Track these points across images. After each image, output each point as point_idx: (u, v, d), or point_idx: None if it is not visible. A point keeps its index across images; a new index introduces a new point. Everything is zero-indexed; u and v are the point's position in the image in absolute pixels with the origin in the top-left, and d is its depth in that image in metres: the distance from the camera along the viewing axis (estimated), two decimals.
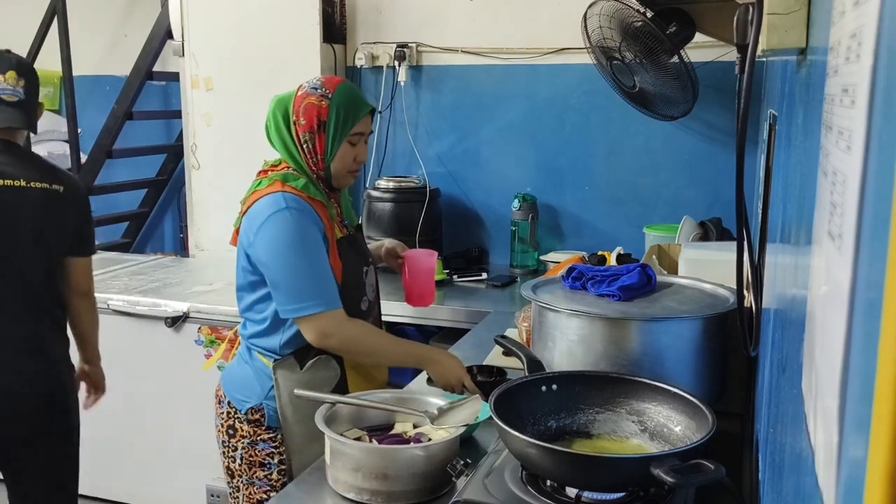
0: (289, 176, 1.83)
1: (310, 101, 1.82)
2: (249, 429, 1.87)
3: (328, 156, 1.84)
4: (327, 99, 1.82)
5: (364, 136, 1.89)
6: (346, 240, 1.89)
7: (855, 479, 0.39)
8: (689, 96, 2.90)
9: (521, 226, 3.40)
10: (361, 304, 1.91)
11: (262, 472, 1.87)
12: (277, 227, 1.76)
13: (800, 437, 0.65)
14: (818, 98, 0.67)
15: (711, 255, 2.01)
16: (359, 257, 1.93)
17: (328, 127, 1.82)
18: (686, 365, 1.49)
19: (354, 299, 1.88)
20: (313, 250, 1.77)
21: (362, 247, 1.99)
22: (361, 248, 1.98)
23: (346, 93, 1.85)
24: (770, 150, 1.47)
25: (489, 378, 1.97)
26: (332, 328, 1.78)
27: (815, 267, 0.62)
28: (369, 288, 1.96)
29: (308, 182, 1.83)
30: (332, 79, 1.90)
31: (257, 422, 1.87)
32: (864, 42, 0.43)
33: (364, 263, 1.95)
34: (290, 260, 1.76)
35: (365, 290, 1.93)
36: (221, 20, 3.58)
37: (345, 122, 1.82)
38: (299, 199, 1.79)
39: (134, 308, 3.01)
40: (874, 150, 0.40)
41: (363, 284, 1.92)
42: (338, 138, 1.83)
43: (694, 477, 1.08)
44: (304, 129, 1.83)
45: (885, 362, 0.35)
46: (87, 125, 4.57)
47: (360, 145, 1.88)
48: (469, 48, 3.53)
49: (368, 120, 1.89)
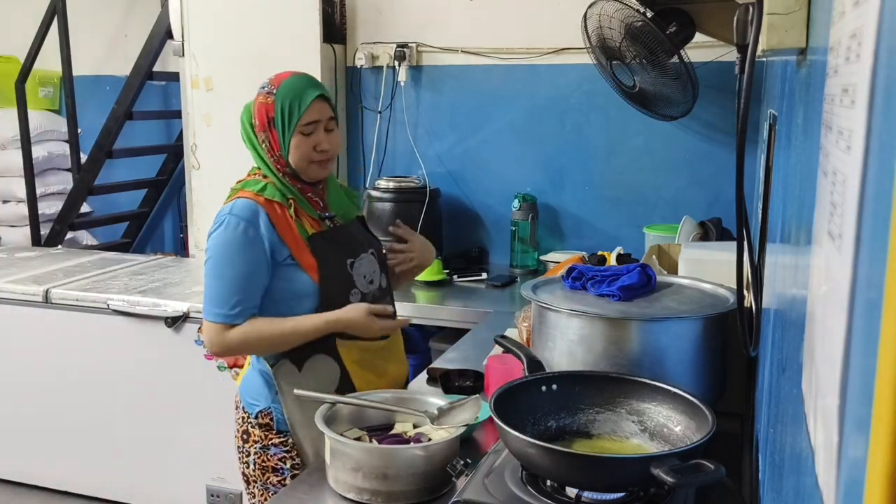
0: (248, 182, 1.86)
1: (259, 101, 1.85)
2: (261, 433, 1.87)
3: (283, 151, 1.84)
4: (272, 95, 1.83)
5: (319, 123, 1.83)
6: (323, 235, 1.86)
7: (855, 479, 0.39)
8: (689, 96, 2.90)
9: (521, 226, 3.40)
10: (351, 296, 1.86)
11: (275, 477, 1.86)
12: (214, 236, 1.81)
13: (800, 437, 0.65)
14: (818, 98, 0.67)
15: (711, 255, 2.01)
16: (342, 249, 1.88)
17: (276, 122, 1.83)
18: (686, 365, 1.49)
19: (340, 293, 1.85)
20: (232, 258, 1.77)
21: (351, 238, 1.92)
22: (348, 240, 1.91)
23: (290, 84, 1.84)
24: (770, 150, 1.47)
25: (466, 382, 1.97)
26: (210, 338, 1.81)
27: (814, 267, 0.62)
28: (361, 279, 1.90)
29: (269, 184, 1.84)
30: (281, 74, 1.87)
31: (267, 426, 1.86)
32: (864, 42, 0.43)
33: (350, 255, 1.88)
34: (208, 266, 1.81)
35: (354, 282, 1.88)
36: (221, 20, 3.58)
37: (290, 114, 1.82)
38: (248, 207, 1.79)
39: (134, 308, 3.01)
40: (874, 150, 0.40)
41: (349, 276, 1.87)
42: (287, 131, 1.82)
43: (694, 477, 1.08)
44: (259, 129, 1.85)
45: (885, 362, 0.35)
46: (87, 125, 4.57)
47: (317, 134, 1.83)
48: (469, 48, 3.53)
49: (320, 107, 1.83)
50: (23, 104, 4.33)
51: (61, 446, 3.26)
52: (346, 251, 1.89)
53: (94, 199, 4.73)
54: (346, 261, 1.87)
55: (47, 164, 4.69)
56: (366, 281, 1.91)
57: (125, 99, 4.32)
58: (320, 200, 1.91)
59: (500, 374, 1.74)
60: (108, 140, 4.34)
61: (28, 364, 3.24)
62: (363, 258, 1.92)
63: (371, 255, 1.94)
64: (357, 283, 1.89)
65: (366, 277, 1.91)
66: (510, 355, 1.60)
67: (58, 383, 3.20)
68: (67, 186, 4.63)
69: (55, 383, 3.20)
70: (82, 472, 3.27)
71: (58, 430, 3.24)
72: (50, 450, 3.28)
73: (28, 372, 3.24)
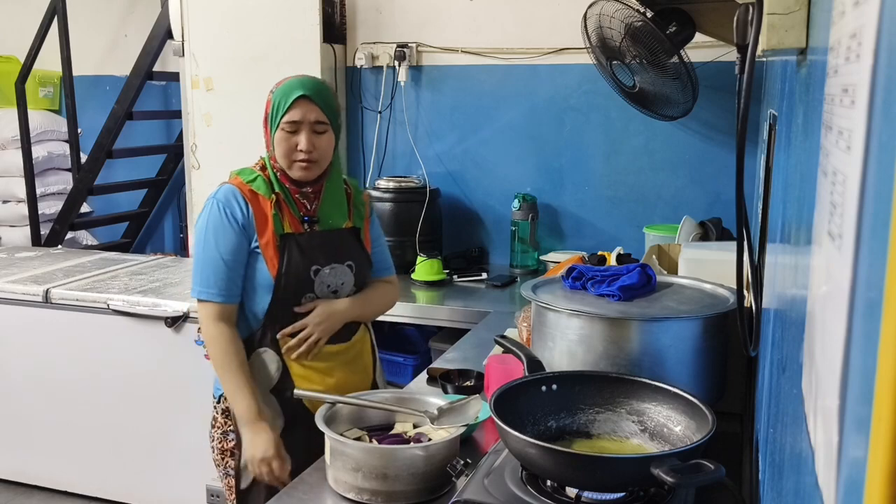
0: (243, 171, 1.93)
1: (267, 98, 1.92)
2: (222, 419, 1.96)
3: (271, 146, 1.89)
4: (272, 92, 1.90)
5: (302, 123, 1.85)
6: (296, 237, 1.89)
7: (855, 480, 0.39)
8: (688, 96, 2.90)
9: (521, 226, 3.40)
10: (303, 299, 1.91)
11: (232, 461, 1.94)
12: (198, 218, 1.91)
13: (800, 437, 0.65)
14: (818, 98, 0.67)
15: (711, 255, 2.01)
16: (311, 254, 1.89)
17: (268, 118, 1.90)
18: (686, 365, 1.49)
19: (294, 295, 1.89)
20: (213, 238, 1.85)
21: (326, 246, 1.93)
22: (322, 247, 1.92)
23: (285, 83, 1.90)
24: (770, 150, 1.47)
25: (466, 382, 1.97)
26: (202, 317, 1.88)
27: (814, 267, 0.62)
28: (323, 287, 1.92)
29: (260, 176, 1.90)
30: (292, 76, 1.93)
31: (227, 411, 1.93)
32: (864, 42, 0.43)
33: (317, 262, 1.90)
34: (196, 244, 1.90)
35: (313, 287, 1.90)
36: (221, 20, 3.58)
37: (276, 111, 1.87)
38: (233, 192, 1.87)
39: (134, 308, 3.01)
40: (874, 150, 0.40)
41: (309, 282, 1.90)
42: (273, 127, 1.87)
43: (694, 477, 1.08)
44: (263, 123, 1.93)
45: (885, 362, 0.35)
46: (87, 125, 4.57)
47: (300, 134, 1.85)
48: (469, 48, 3.53)
49: (305, 107, 1.84)
50: (23, 104, 4.33)
51: (61, 446, 3.26)
52: (315, 258, 1.90)
53: (94, 199, 4.73)
54: (311, 267, 1.90)
55: (47, 164, 4.69)
56: (329, 290, 1.93)
57: (125, 99, 4.32)
58: (308, 203, 1.93)
59: (500, 374, 1.75)
60: (108, 140, 4.35)
61: (28, 364, 3.24)
62: (335, 268, 1.93)
63: (346, 268, 1.95)
64: (316, 290, 1.91)
65: (329, 287, 1.93)
66: (510, 355, 1.60)
67: (58, 383, 3.20)
68: (67, 186, 4.63)
69: (55, 383, 3.20)
70: (82, 472, 3.27)
71: (58, 430, 3.24)
72: (50, 450, 3.28)
73: (28, 372, 3.24)
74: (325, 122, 1.87)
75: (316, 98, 1.85)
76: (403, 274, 3.31)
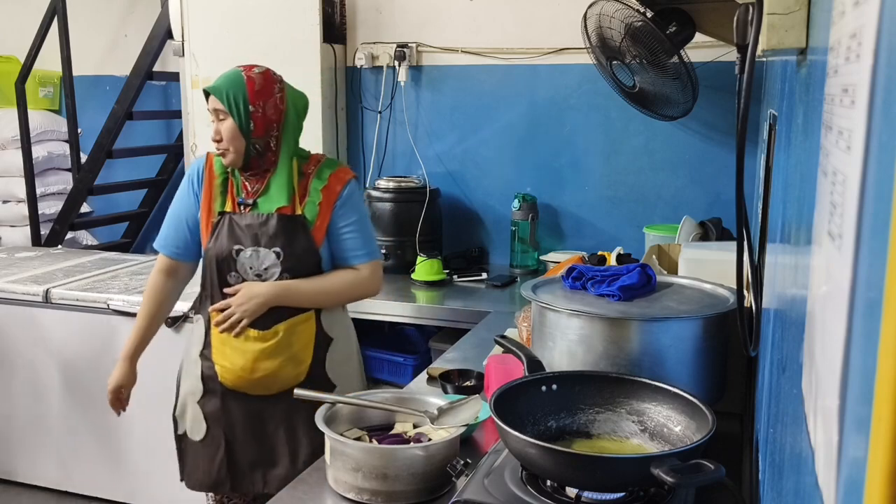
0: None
1: None
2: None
3: None
4: None
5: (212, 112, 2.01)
6: (231, 216, 2.01)
7: (855, 480, 0.39)
8: (688, 96, 2.90)
9: (521, 226, 3.40)
10: (228, 277, 2.02)
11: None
12: None
13: (800, 437, 0.65)
14: (818, 98, 0.67)
15: (711, 255, 2.01)
16: (235, 235, 1.99)
17: None
18: (686, 365, 1.49)
19: (218, 271, 2.03)
20: (176, 197, 2.12)
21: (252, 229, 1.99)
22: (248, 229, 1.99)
23: None
24: (770, 150, 1.47)
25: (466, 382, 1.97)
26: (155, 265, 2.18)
27: (815, 267, 0.62)
28: (246, 269, 2.00)
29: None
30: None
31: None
32: (864, 42, 0.43)
33: (240, 243, 1.99)
34: None
35: (236, 267, 2.00)
36: (221, 20, 3.58)
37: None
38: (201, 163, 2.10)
39: (134, 308, 3.01)
40: (874, 150, 0.40)
41: (232, 261, 2.00)
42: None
43: (694, 477, 1.08)
44: None
45: (885, 362, 0.35)
46: (87, 125, 4.57)
47: (215, 124, 2.00)
48: (469, 48, 3.53)
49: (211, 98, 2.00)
50: (23, 104, 4.33)
51: (61, 446, 3.26)
52: (239, 238, 2.00)
53: (94, 199, 4.73)
54: (233, 247, 2.00)
55: (47, 164, 4.69)
56: (252, 272, 2.01)
57: (125, 99, 4.31)
58: (250, 186, 2.03)
59: (500, 374, 1.75)
60: (108, 140, 4.34)
61: (28, 364, 3.24)
62: (259, 252, 1.99)
63: (272, 253, 1.99)
64: (239, 270, 2.01)
65: (252, 269, 2.00)
66: (510, 355, 1.60)
67: (58, 383, 3.20)
68: (67, 186, 4.63)
69: (55, 383, 3.20)
70: (82, 472, 3.27)
71: (58, 430, 3.24)
72: (50, 449, 3.28)
73: (28, 372, 3.24)
74: (223, 110, 1.99)
75: (212, 90, 1.99)
76: (403, 274, 3.31)
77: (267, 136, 1.99)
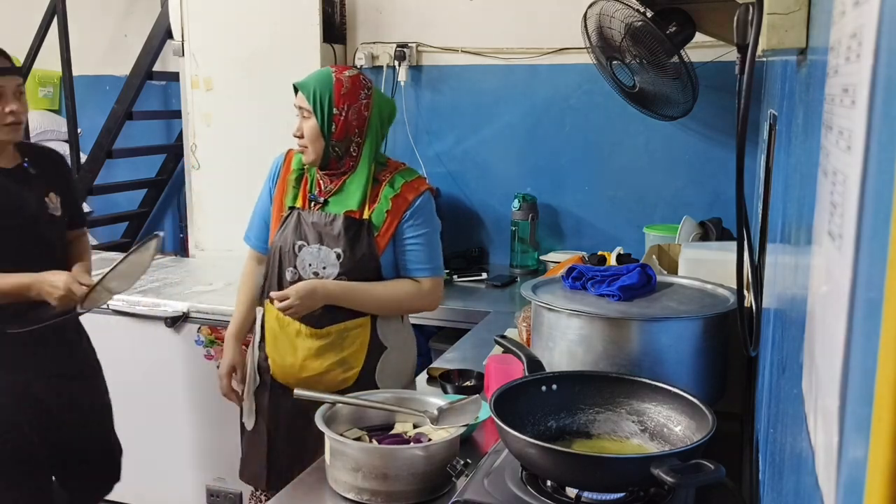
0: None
1: None
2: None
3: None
4: None
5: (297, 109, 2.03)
6: (300, 212, 2.04)
7: (855, 480, 0.39)
8: (688, 96, 2.90)
9: (521, 226, 3.40)
10: (287, 272, 2.04)
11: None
12: None
13: (800, 437, 0.65)
14: (818, 98, 0.67)
15: (711, 255, 2.01)
16: (300, 231, 2.02)
17: None
18: (686, 365, 1.49)
19: (279, 262, 2.06)
20: (261, 191, 2.17)
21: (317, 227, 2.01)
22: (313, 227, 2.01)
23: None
24: (770, 150, 1.47)
25: (466, 382, 1.97)
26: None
27: (815, 267, 0.62)
28: (305, 266, 2.02)
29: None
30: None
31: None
32: (864, 42, 0.43)
33: (304, 239, 2.01)
34: None
35: (294, 262, 2.03)
36: (221, 20, 3.57)
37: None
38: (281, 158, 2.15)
39: (134, 308, 3.01)
40: (874, 150, 0.40)
41: (292, 256, 2.03)
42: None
43: (694, 477, 1.08)
44: None
45: (885, 362, 0.35)
46: (87, 125, 4.57)
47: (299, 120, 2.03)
48: (469, 48, 3.53)
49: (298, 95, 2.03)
50: None
51: None
52: (303, 235, 2.02)
53: (94, 199, 4.72)
54: (296, 242, 2.02)
55: None
56: (310, 269, 2.01)
57: (125, 99, 4.31)
58: (324, 185, 2.05)
59: (500, 374, 1.75)
60: (108, 140, 4.34)
61: None
62: (321, 249, 2.00)
63: (333, 254, 2.00)
64: (298, 266, 2.02)
65: (311, 266, 2.01)
66: (510, 355, 1.60)
67: None
68: None
69: None
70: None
71: None
72: None
73: None
74: (307, 109, 1.98)
75: (301, 86, 1.99)
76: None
77: (347, 140, 2.00)
